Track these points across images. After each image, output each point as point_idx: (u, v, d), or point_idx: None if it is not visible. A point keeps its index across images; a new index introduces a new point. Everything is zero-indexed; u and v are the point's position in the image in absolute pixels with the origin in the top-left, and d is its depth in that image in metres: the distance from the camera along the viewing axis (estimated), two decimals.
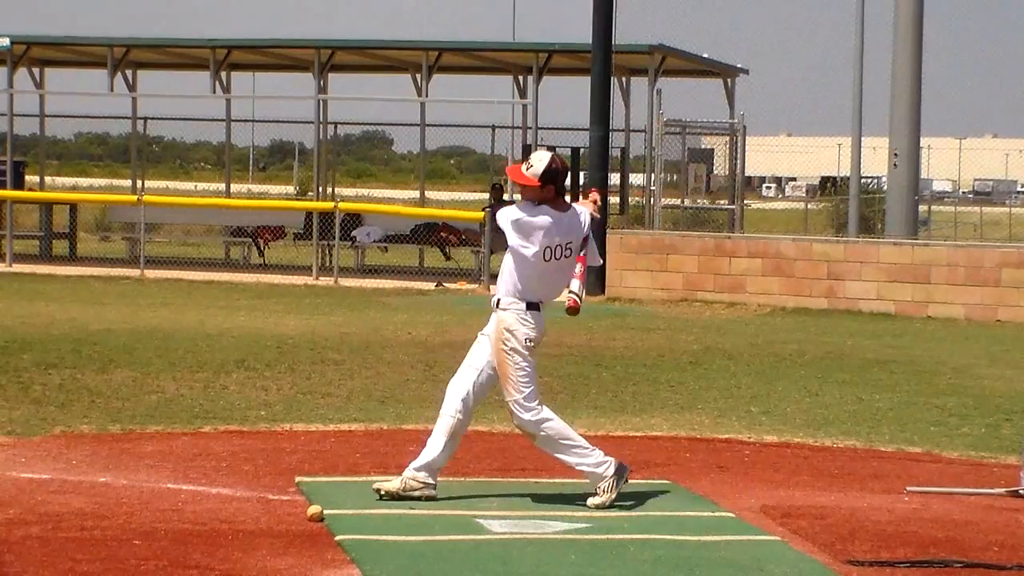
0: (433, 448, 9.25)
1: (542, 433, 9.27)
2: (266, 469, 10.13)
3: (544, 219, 9.17)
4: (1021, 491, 9.85)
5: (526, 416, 9.23)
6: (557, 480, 9.91)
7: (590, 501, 9.24)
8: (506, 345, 9.19)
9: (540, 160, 9.26)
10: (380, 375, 14.95)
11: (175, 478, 9.75)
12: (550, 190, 9.22)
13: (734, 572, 7.88)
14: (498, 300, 9.27)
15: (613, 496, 9.23)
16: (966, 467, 11.11)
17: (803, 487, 10.10)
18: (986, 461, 11.36)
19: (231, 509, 8.91)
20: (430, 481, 9.22)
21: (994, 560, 8.16)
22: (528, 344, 9.19)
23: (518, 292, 9.21)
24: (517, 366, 9.19)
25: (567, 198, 9.44)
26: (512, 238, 9.21)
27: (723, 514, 9.17)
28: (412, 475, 9.22)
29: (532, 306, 9.23)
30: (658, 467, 10.59)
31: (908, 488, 10.03)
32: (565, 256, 9.26)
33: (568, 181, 9.51)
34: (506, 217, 9.25)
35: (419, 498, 9.15)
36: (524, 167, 9.27)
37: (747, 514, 9.16)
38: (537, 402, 9.27)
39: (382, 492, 9.21)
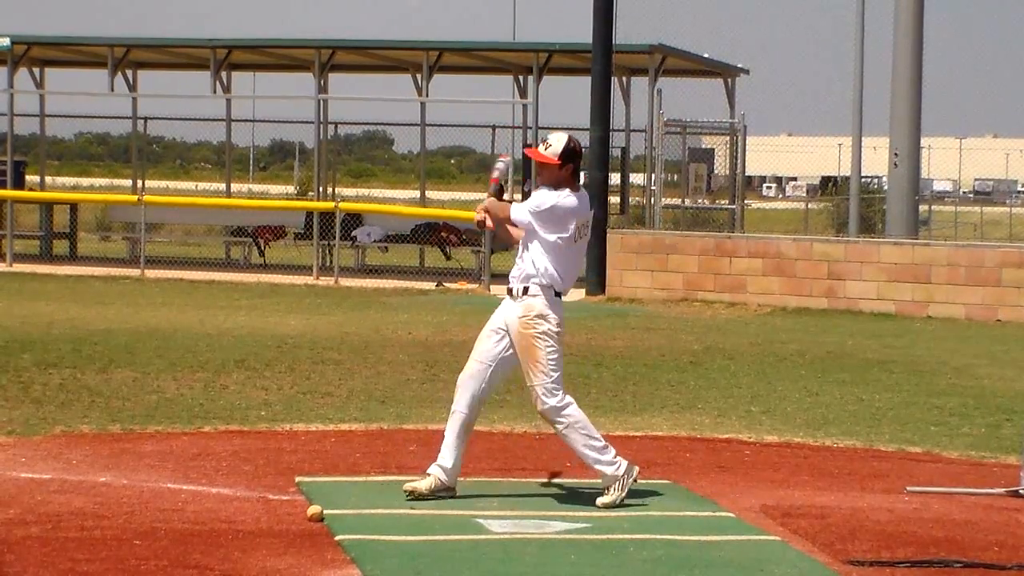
0: (447, 448, 9.31)
1: (564, 420, 9.26)
2: (266, 469, 10.14)
3: (571, 201, 9.22)
4: (1021, 491, 9.85)
5: (552, 402, 9.21)
6: (557, 480, 9.92)
7: (600, 500, 9.25)
8: (537, 329, 9.18)
9: (558, 139, 9.28)
10: (380, 375, 14.95)
11: (175, 478, 9.75)
12: (569, 169, 9.25)
13: (734, 572, 7.88)
14: (523, 288, 9.24)
15: (623, 495, 9.25)
16: (966, 467, 11.11)
17: (803, 487, 10.10)
18: (986, 461, 11.37)
19: (231, 509, 8.91)
20: (448, 482, 9.31)
21: (994, 560, 8.16)
22: (560, 328, 9.25)
23: (547, 278, 9.21)
24: (548, 350, 9.20)
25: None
26: (544, 227, 9.20)
27: (723, 514, 9.17)
28: (438, 473, 9.30)
29: (557, 294, 9.29)
30: (658, 467, 10.59)
31: (908, 488, 10.03)
32: (585, 236, 9.39)
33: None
34: (534, 206, 9.23)
35: (442, 497, 9.26)
36: (542, 147, 9.28)
37: (747, 514, 9.16)
38: (562, 388, 9.28)
39: (414, 493, 9.25)
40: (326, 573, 7.57)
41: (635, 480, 9.34)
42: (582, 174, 9.69)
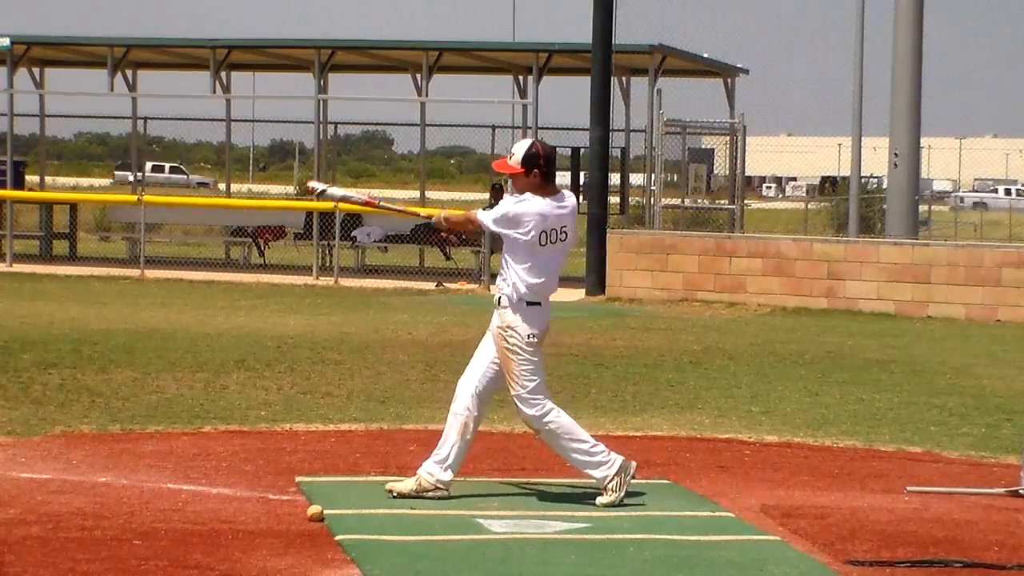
0: (445, 447, 9.29)
1: (546, 428, 9.29)
2: (266, 469, 10.14)
3: (527, 206, 9.20)
4: (1021, 491, 9.86)
5: (530, 411, 9.26)
6: (557, 480, 9.92)
7: (599, 500, 9.26)
8: (508, 342, 9.22)
9: (520, 147, 9.32)
10: (380, 375, 14.95)
11: (175, 478, 9.75)
12: (535, 175, 9.23)
13: (734, 572, 7.88)
14: (499, 298, 9.29)
15: (622, 494, 9.25)
16: (966, 467, 11.11)
17: (803, 487, 10.10)
18: (986, 461, 11.37)
19: (231, 509, 8.91)
20: (444, 479, 9.27)
21: (994, 560, 8.16)
22: (531, 340, 9.21)
23: (516, 289, 9.22)
24: (520, 361, 9.22)
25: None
26: (505, 235, 9.26)
27: (723, 514, 9.17)
28: (426, 474, 9.27)
29: (532, 303, 9.24)
30: (658, 467, 10.59)
31: (908, 488, 10.04)
32: (561, 240, 9.28)
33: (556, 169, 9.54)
34: (491, 217, 9.30)
35: (431, 497, 9.21)
36: (508, 158, 9.32)
37: (747, 514, 9.16)
38: (542, 396, 9.27)
39: (394, 493, 9.24)
40: (326, 573, 7.57)
41: (633, 476, 9.34)
42: (582, 174, 9.71)
